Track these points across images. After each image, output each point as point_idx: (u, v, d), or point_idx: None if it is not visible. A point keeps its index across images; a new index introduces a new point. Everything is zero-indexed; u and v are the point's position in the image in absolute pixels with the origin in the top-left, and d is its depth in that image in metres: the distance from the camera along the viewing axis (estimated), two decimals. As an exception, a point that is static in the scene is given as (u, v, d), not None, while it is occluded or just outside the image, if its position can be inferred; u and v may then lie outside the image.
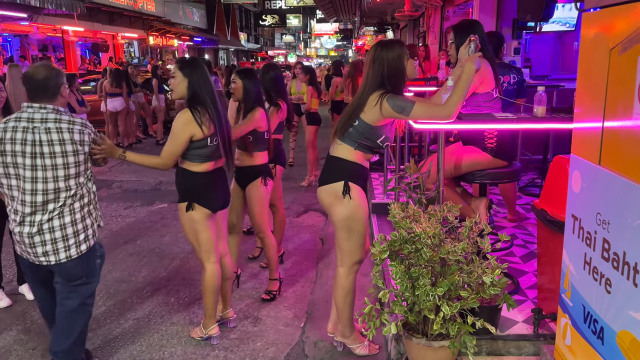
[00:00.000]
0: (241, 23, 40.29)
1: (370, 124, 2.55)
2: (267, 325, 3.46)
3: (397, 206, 2.29)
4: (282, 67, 27.08)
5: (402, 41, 2.73)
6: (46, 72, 2.51)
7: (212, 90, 2.98)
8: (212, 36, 30.11)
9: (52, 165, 2.46)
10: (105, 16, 18.69)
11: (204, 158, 2.95)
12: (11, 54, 17.18)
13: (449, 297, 2.24)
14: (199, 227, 3.02)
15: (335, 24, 36.09)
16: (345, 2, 17.28)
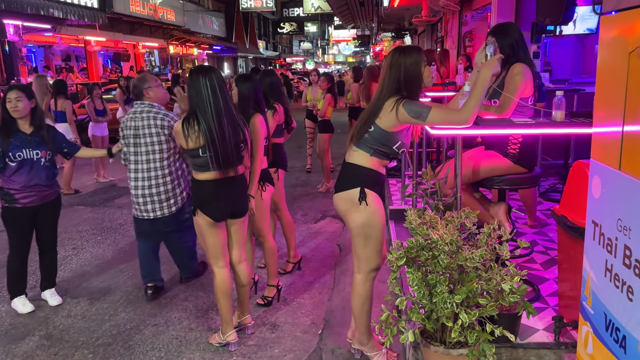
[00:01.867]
0: (259, 31, 40.67)
1: (385, 130, 2.54)
2: (284, 331, 3.46)
3: (414, 212, 2.28)
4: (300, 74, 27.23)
5: (420, 47, 2.72)
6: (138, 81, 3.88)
7: (218, 101, 2.95)
8: (231, 44, 30.45)
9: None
10: (126, 26, 19.05)
11: (201, 167, 3.01)
12: (36, 64, 17.59)
13: (467, 304, 2.21)
14: (204, 232, 3.09)
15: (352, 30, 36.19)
16: (363, 9, 17.31)
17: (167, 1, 21.01)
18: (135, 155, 3.81)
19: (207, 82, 2.95)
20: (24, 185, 3.67)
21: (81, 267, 4.72)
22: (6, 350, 3.32)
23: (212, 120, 2.93)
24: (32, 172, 3.69)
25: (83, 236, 5.55)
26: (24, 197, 3.69)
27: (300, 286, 4.19)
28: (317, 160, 8.14)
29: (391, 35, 20.58)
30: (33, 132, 3.71)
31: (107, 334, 3.49)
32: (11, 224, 3.77)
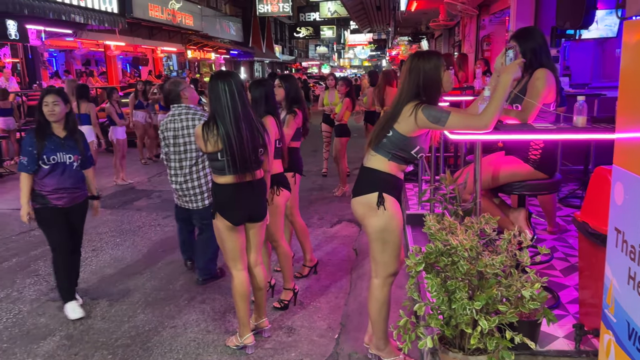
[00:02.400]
0: (276, 35, 40.89)
1: (404, 135, 2.54)
2: (301, 335, 3.47)
3: (433, 218, 2.27)
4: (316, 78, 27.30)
5: (439, 52, 2.72)
6: (172, 86, 4.25)
7: (236, 106, 2.98)
8: (247, 49, 30.66)
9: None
10: (145, 31, 19.30)
11: (219, 171, 3.05)
12: (57, 68, 17.89)
13: (486, 311, 2.19)
14: (222, 236, 3.12)
15: (369, 34, 36.17)
16: (380, 13, 17.31)
17: (185, 6, 21.25)
18: (174, 154, 4.17)
19: (226, 87, 2.98)
20: (56, 188, 3.72)
21: (101, 268, 4.78)
22: (27, 350, 3.38)
23: (231, 125, 2.96)
24: (64, 175, 3.74)
25: (102, 238, 5.63)
26: (56, 198, 3.74)
27: (317, 290, 4.19)
28: (333, 164, 8.15)
29: (408, 39, 20.54)
30: (66, 136, 3.76)
31: (126, 335, 3.54)
32: (47, 224, 3.80)
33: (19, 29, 12.40)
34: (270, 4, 28.60)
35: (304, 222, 4.44)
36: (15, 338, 3.54)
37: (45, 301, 4.11)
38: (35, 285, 4.41)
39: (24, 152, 3.65)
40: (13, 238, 5.72)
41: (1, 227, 6.12)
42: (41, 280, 4.51)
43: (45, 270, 4.73)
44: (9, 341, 3.50)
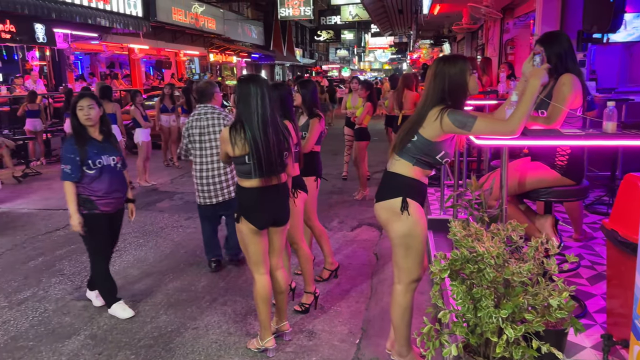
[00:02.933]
0: (297, 39, 41.04)
1: (429, 140, 2.52)
2: (322, 340, 3.46)
3: (458, 224, 2.25)
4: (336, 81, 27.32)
5: (465, 56, 2.69)
6: (205, 84, 4.54)
7: (265, 110, 2.99)
8: (269, 52, 30.83)
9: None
10: (168, 34, 19.55)
11: (245, 175, 3.05)
12: (82, 71, 18.23)
13: (512, 319, 2.16)
14: (246, 240, 3.12)
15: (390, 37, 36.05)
16: (401, 16, 17.24)
17: (208, 10, 21.46)
18: (200, 150, 4.43)
19: (257, 90, 3.00)
20: (106, 192, 3.74)
21: (124, 269, 4.84)
22: (53, 349, 3.44)
23: (258, 128, 2.98)
24: (112, 178, 3.77)
25: (126, 239, 5.69)
26: (105, 204, 3.75)
27: (337, 294, 4.18)
28: (353, 168, 8.13)
29: (429, 43, 20.43)
30: (104, 139, 3.80)
31: (149, 335, 3.57)
32: (93, 230, 3.77)
33: (47, 33, 12.67)
34: (291, 7, 28.69)
35: (322, 226, 4.43)
36: (41, 336, 3.60)
37: (70, 300, 4.17)
38: (61, 285, 4.49)
39: (66, 160, 3.63)
40: (39, 237, 5.83)
41: (28, 227, 6.25)
42: (66, 280, 4.59)
43: (70, 270, 4.81)
44: (34, 339, 3.57)
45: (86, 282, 4.23)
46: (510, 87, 5.74)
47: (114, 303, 3.87)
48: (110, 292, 3.89)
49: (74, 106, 3.71)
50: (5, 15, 11.10)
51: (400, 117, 7.68)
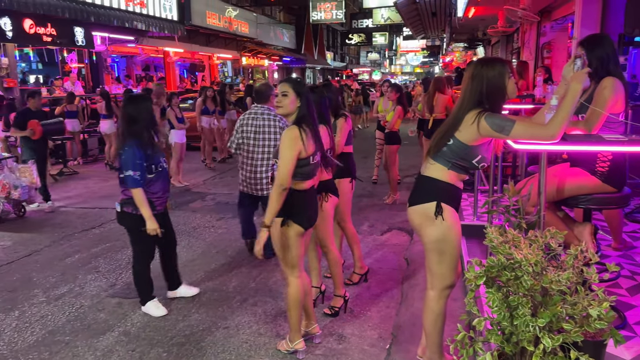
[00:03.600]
0: (328, 42, 41.15)
1: (465, 143, 2.48)
2: (351, 344, 3.44)
3: (495, 230, 2.20)
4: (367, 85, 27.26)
5: (504, 59, 2.64)
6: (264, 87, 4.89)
7: (314, 111, 3.12)
8: (300, 56, 31.00)
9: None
10: (202, 38, 19.85)
11: (305, 176, 3.05)
12: (118, 73, 18.68)
13: (549, 328, 2.10)
14: (290, 243, 3.09)
15: (422, 40, 35.77)
16: (435, 19, 17.10)
17: (241, 14, 21.72)
18: (254, 147, 4.72)
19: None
20: (162, 192, 3.85)
21: (157, 268, 4.89)
22: (88, 344, 3.52)
23: (316, 130, 3.08)
24: (164, 178, 3.90)
25: (159, 238, 5.80)
26: (160, 203, 3.87)
27: (367, 298, 4.15)
28: (383, 172, 8.09)
29: (463, 46, 20.19)
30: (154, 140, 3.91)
31: (181, 334, 3.62)
32: (139, 233, 3.79)
33: (86, 36, 13.01)
34: (323, 11, 28.80)
35: (354, 229, 4.41)
36: (77, 331, 3.69)
37: (104, 297, 4.27)
38: (96, 282, 4.59)
39: (135, 166, 3.61)
40: (75, 235, 5.99)
41: (65, 225, 6.42)
42: (101, 277, 4.70)
43: (105, 268, 4.92)
44: (71, 334, 3.66)
45: (122, 279, 4.31)
46: (547, 91, 5.62)
47: (149, 301, 3.93)
48: (147, 291, 3.96)
49: (139, 109, 3.74)
50: (47, 19, 11.45)
51: (431, 121, 7.60)
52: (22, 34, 11.03)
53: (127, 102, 3.88)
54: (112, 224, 6.42)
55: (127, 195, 3.75)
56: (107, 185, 8.81)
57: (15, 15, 10.64)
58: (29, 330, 3.72)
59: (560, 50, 9.27)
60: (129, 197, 3.71)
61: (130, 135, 3.70)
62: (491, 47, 16.84)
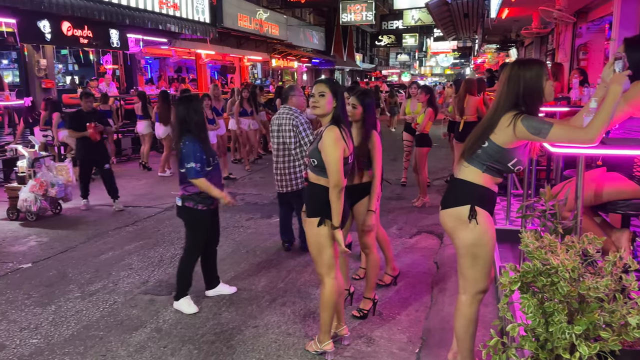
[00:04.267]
0: (357, 44, 41.08)
1: (501, 146, 2.45)
2: (380, 346, 3.42)
3: (531, 235, 2.16)
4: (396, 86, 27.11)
5: (541, 60, 2.60)
6: (288, 88, 5.09)
7: (346, 113, 3.18)
8: (329, 57, 31.04)
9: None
10: (233, 40, 20.07)
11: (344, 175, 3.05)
12: (151, 75, 19.05)
13: (586, 336, 2.05)
14: (326, 243, 3.09)
15: (453, 42, 35.38)
16: (467, 20, 16.89)
17: (272, 16, 21.88)
18: (276, 144, 4.95)
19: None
20: (218, 185, 4.00)
21: (188, 266, 5.00)
22: (121, 339, 3.59)
23: (350, 130, 3.15)
24: (218, 172, 4.06)
25: (190, 237, 5.89)
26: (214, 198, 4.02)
27: (396, 301, 4.13)
28: (411, 174, 8.04)
29: (495, 47, 19.89)
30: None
31: (211, 331, 3.67)
32: (204, 226, 4.00)
33: (121, 38, 13.31)
34: (353, 13, 28.77)
35: (384, 231, 4.40)
36: (110, 327, 3.78)
37: (137, 294, 4.36)
38: (129, 278, 4.69)
39: (196, 158, 3.79)
40: (109, 233, 6.13)
41: (99, 222, 6.58)
42: (134, 274, 4.79)
43: (138, 265, 5.02)
44: (104, 329, 3.75)
45: (154, 277, 4.39)
46: (583, 94, 5.49)
47: (183, 297, 4.00)
48: (185, 287, 4.04)
49: (194, 106, 3.93)
50: (84, 21, 11.77)
51: (462, 123, 7.51)
52: (60, 36, 11.36)
53: (182, 101, 4.03)
54: (145, 222, 6.55)
55: (188, 191, 3.92)
56: (140, 184, 9.00)
57: (54, 18, 10.97)
58: (65, 325, 3.82)
59: (596, 52, 9.04)
60: (191, 193, 3.91)
61: (187, 131, 3.89)
62: (524, 49, 16.54)
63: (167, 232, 6.10)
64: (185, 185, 3.91)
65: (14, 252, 5.48)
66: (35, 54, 11.63)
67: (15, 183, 7.00)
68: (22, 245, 5.71)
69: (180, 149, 3.86)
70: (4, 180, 8.95)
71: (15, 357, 3.39)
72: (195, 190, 3.90)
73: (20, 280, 4.70)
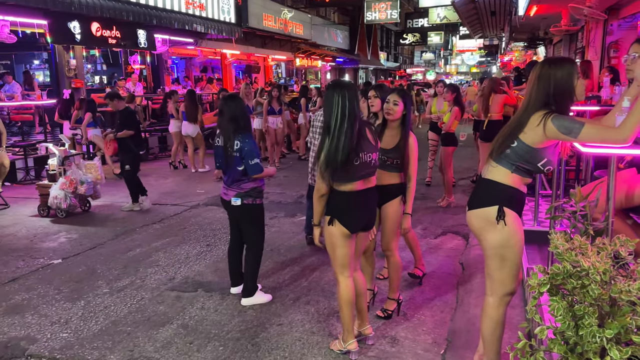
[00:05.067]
0: (382, 42, 40.90)
1: (530, 146, 2.41)
2: (404, 347, 3.41)
3: (560, 236, 2.12)
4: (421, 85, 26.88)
5: (572, 59, 2.55)
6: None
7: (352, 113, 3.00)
8: (353, 56, 30.98)
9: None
10: (258, 40, 20.20)
11: (342, 178, 3.02)
12: (177, 74, 19.30)
13: (617, 340, 2.01)
14: (336, 242, 3.11)
15: (479, 40, 34.90)
16: (494, 18, 16.65)
17: (296, 16, 21.95)
18: (315, 139, 4.97)
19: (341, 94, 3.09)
20: (263, 181, 4.13)
21: (214, 263, 5.06)
22: (148, 335, 3.65)
23: (351, 132, 3.06)
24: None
25: (216, 234, 5.95)
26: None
27: (421, 302, 4.10)
28: (436, 174, 7.96)
29: (523, 45, 19.56)
30: None
31: (236, 328, 3.70)
32: (263, 218, 4.19)
33: (148, 38, 13.53)
34: (378, 11, 28.65)
35: (414, 231, 4.38)
36: (138, 323, 3.84)
37: (164, 290, 4.42)
38: (156, 275, 4.77)
39: (258, 155, 3.98)
40: (137, 230, 6.23)
41: (127, 220, 6.70)
42: (161, 271, 4.87)
43: (165, 262, 5.10)
44: (132, 325, 3.81)
45: (181, 273, 4.44)
46: (614, 92, 5.36)
47: (256, 290, 4.12)
48: (256, 281, 4.16)
49: (242, 103, 4.09)
50: (112, 22, 12.00)
51: (486, 122, 7.41)
52: (90, 36, 11.60)
53: (229, 100, 4.05)
54: (171, 219, 6.64)
55: (243, 188, 3.98)
56: (166, 182, 9.13)
57: (84, 19, 11.21)
58: (94, 320, 3.90)
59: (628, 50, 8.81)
60: (247, 190, 3.98)
61: (241, 128, 3.97)
62: (553, 47, 16.22)
63: (193, 229, 6.17)
64: (240, 182, 3.97)
65: (45, 248, 5.62)
66: (65, 55, 11.90)
67: (46, 180, 7.19)
68: (53, 242, 5.85)
69: (242, 147, 3.90)
70: (35, 178, 9.20)
71: (46, 350, 3.48)
72: (251, 185, 3.99)
73: (51, 276, 4.82)
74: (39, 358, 3.39)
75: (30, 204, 7.43)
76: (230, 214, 4.16)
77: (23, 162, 9.39)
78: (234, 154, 3.92)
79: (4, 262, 5.19)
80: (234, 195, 3.99)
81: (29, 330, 3.76)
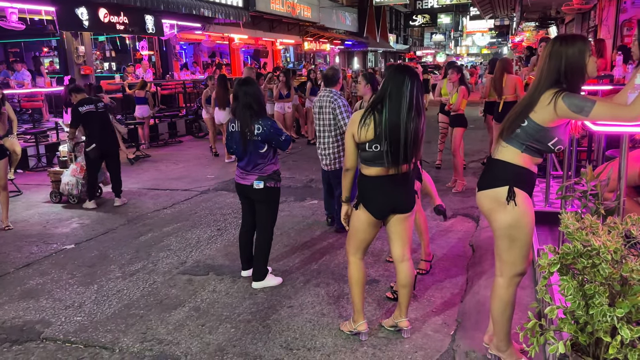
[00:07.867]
0: (391, 24, 40.44)
1: (541, 125, 2.38)
2: (415, 328, 3.42)
3: (571, 216, 2.10)
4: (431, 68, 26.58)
5: (584, 36, 2.50)
6: (332, 71, 5.20)
7: (401, 99, 2.88)
8: (362, 39, 30.70)
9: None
10: (266, 24, 20.08)
11: (366, 162, 2.99)
12: (186, 60, 19.27)
13: (628, 319, 2.00)
14: (359, 226, 3.11)
15: (490, 20, 34.39)
16: (505, -2, 16.39)
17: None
18: (318, 125, 5.21)
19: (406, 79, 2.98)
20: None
21: (225, 247, 5.09)
22: (161, 318, 3.70)
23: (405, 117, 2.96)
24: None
25: (226, 219, 5.99)
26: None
27: (430, 284, 4.11)
28: (446, 156, 7.90)
29: (534, 25, 19.26)
30: None
31: (247, 311, 3.74)
32: (278, 203, 4.20)
33: (156, 24, 13.51)
34: (386, -8, 28.35)
35: (425, 215, 4.35)
36: (150, 306, 3.89)
37: (176, 274, 4.47)
38: (167, 259, 4.81)
39: (281, 129, 4.05)
40: (148, 215, 6.28)
41: (138, 205, 6.76)
42: (172, 255, 4.91)
43: (176, 246, 5.14)
44: (145, 308, 3.86)
45: (192, 257, 4.47)
46: (627, 71, 5.27)
47: (267, 273, 4.16)
48: (267, 261, 4.20)
49: (258, 87, 4.11)
50: (120, 8, 12.00)
51: (502, 104, 7.33)
52: (98, 23, 11.61)
53: (243, 85, 4.01)
54: (182, 204, 6.69)
55: (266, 171, 3.99)
56: (177, 168, 9.17)
57: (91, 5, 11.20)
58: (107, 303, 3.96)
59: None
60: (270, 173, 4.00)
61: (257, 113, 3.96)
62: (565, 26, 15.95)
63: (204, 214, 6.21)
64: (262, 166, 3.97)
65: (58, 234, 5.69)
66: (73, 41, 11.92)
67: (58, 167, 7.25)
68: (65, 227, 5.92)
69: (265, 130, 3.90)
70: (47, 165, 9.28)
71: (60, 333, 3.54)
72: (273, 168, 4.02)
73: (64, 261, 4.88)
74: (53, 341, 3.45)
75: (43, 191, 7.51)
76: (249, 197, 4.10)
77: (34, 149, 9.47)
78: (255, 138, 3.90)
79: (18, 248, 5.26)
80: (255, 178, 3.97)
81: (43, 314, 3.83)
